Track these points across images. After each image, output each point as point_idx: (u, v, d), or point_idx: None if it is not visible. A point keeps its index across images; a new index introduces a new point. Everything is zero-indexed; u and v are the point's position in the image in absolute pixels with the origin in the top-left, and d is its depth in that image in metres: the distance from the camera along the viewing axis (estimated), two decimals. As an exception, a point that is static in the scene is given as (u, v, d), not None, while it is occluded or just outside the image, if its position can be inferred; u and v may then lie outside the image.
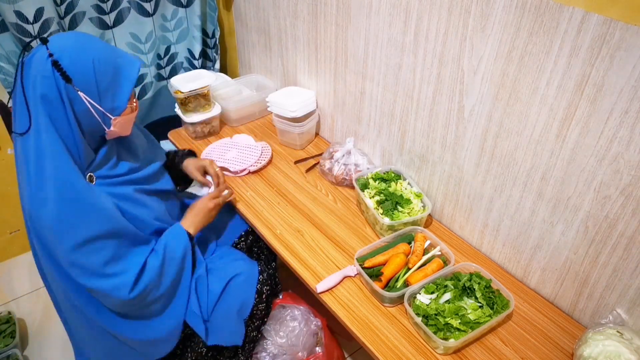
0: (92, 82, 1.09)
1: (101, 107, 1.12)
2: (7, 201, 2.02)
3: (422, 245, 1.37)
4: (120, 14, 1.95)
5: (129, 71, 1.15)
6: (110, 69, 1.11)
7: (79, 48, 1.08)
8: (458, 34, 1.21)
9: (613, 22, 0.92)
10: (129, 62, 1.16)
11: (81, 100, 1.09)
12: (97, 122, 1.14)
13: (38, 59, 1.05)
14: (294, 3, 1.75)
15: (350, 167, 1.65)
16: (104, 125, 1.16)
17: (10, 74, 1.79)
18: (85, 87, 1.08)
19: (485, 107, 1.23)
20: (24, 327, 1.86)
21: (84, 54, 1.08)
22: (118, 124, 1.17)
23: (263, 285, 1.45)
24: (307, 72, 1.87)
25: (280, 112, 1.79)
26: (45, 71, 1.04)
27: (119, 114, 1.16)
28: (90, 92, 1.09)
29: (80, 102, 1.09)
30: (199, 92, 1.81)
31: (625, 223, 1.06)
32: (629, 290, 1.11)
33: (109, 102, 1.13)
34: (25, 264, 2.13)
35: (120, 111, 1.16)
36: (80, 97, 1.08)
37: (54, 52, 1.05)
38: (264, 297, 1.46)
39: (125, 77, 1.14)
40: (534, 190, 1.21)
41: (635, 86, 0.93)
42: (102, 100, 1.12)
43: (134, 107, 1.21)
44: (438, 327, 1.16)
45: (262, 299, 1.45)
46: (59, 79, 1.05)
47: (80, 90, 1.08)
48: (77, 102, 1.09)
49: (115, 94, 1.13)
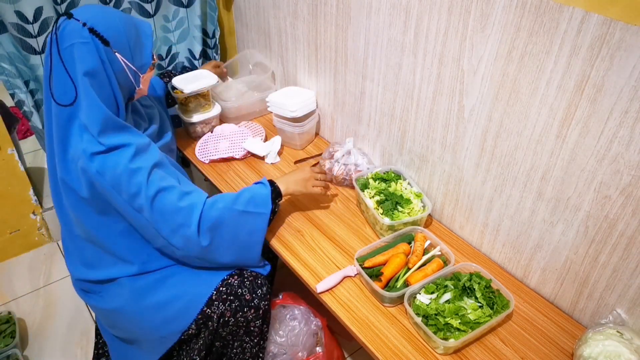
0: (125, 42, 1.19)
1: (133, 66, 1.22)
2: (7, 201, 2.02)
3: (422, 245, 1.37)
4: None
5: (146, 28, 1.26)
6: (134, 29, 1.22)
7: (106, 14, 1.18)
8: (458, 34, 1.21)
9: (613, 22, 0.92)
10: (140, 21, 1.28)
11: (118, 61, 1.19)
12: (130, 82, 1.24)
13: (72, 30, 1.13)
14: (294, 3, 1.75)
15: (350, 167, 1.65)
16: (135, 84, 1.26)
17: (12, 75, 1.79)
18: (120, 48, 1.18)
19: (485, 107, 1.23)
20: (24, 327, 1.86)
21: (113, 18, 1.18)
22: (145, 82, 1.29)
23: (261, 300, 1.34)
24: (307, 72, 1.87)
25: (280, 112, 1.79)
26: (84, 38, 1.13)
27: (145, 71, 1.27)
28: (125, 52, 1.20)
29: (117, 63, 1.19)
30: (199, 92, 1.81)
31: (625, 223, 1.06)
32: (629, 290, 1.11)
33: (138, 59, 1.24)
34: (25, 264, 2.13)
35: (146, 68, 1.27)
36: (118, 58, 1.18)
37: (86, 20, 1.13)
38: (261, 313, 1.35)
39: (144, 34, 1.25)
40: (534, 190, 1.21)
41: (635, 86, 0.93)
42: (134, 58, 1.22)
43: (154, 64, 1.31)
44: (438, 327, 1.16)
45: (259, 314, 1.35)
46: (98, 43, 1.14)
47: (117, 51, 1.18)
48: (115, 63, 1.19)
49: (141, 51, 1.24)
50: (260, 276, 1.37)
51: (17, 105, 1.85)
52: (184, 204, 1.21)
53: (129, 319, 1.34)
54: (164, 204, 1.19)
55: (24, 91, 1.84)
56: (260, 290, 1.34)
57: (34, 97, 1.88)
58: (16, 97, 1.83)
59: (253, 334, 1.37)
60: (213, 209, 1.25)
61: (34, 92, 1.88)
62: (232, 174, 1.73)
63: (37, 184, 2.24)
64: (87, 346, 1.77)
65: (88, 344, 1.78)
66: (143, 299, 1.30)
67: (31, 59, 1.79)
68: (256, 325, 1.36)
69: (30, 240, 2.18)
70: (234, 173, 1.73)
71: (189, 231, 1.22)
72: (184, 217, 1.21)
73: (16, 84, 1.81)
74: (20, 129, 2.81)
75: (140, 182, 1.16)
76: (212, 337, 1.34)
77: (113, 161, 1.15)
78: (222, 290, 1.31)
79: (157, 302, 1.30)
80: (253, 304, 1.32)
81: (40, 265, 2.12)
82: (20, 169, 1.99)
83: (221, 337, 1.35)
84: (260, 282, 1.35)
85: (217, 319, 1.29)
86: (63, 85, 1.14)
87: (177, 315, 1.30)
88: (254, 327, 1.36)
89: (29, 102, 1.86)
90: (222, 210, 1.26)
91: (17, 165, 1.98)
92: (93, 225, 1.25)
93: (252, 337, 1.38)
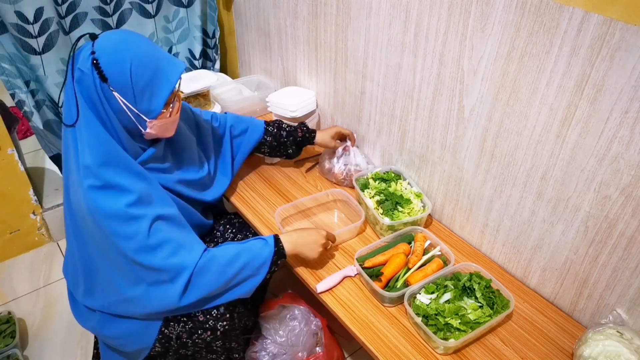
0: (127, 83, 1.08)
1: (136, 109, 1.11)
2: (7, 201, 2.02)
3: (422, 245, 1.37)
4: (122, 16, 1.94)
5: (170, 75, 1.12)
6: (149, 72, 1.10)
7: (119, 48, 1.08)
8: (458, 34, 1.21)
9: (613, 22, 0.92)
10: (170, 65, 1.13)
11: (116, 100, 1.10)
12: (133, 122, 1.14)
13: (83, 55, 1.08)
14: (294, 3, 1.75)
15: (350, 167, 1.64)
16: (140, 127, 1.15)
17: (12, 75, 1.79)
18: (120, 88, 1.08)
19: (485, 107, 1.23)
20: (24, 327, 1.86)
21: (122, 55, 1.08)
22: (155, 127, 1.16)
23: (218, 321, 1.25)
24: (307, 72, 1.87)
25: (280, 112, 1.79)
26: (86, 68, 1.07)
27: (154, 117, 1.14)
28: (126, 93, 1.09)
29: (115, 101, 1.10)
30: (199, 92, 1.81)
31: (625, 223, 1.06)
32: (629, 290, 1.11)
33: (144, 104, 1.12)
34: (25, 264, 2.13)
35: (155, 114, 1.14)
36: (115, 97, 1.09)
37: (96, 49, 1.07)
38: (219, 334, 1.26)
39: (164, 80, 1.12)
40: (534, 190, 1.21)
41: (635, 86, 0.93)
42: (137, 101, 1.11)
43: (174, 110, 1.19)
44: (438, 327, 1.16)
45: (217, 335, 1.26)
46: (96, 77, 1.07)
47: (115, 90, 1.08)
48: (113, 101, 1.10)
49: (152, 96, 1.12)
50: None
51: (18, 105, 1.85)
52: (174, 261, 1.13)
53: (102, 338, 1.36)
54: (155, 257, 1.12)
55: (24, 91, 1.84)
56: (216, 311, 1.24)
57: (35, 98, 1.89)
58: (16, 97, 1.83)
59: (217, 352, 1.32)
60: (204, 275, 1.16)
61: (34, 92, 1.88)
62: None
63: (37, 184, 2.24)
64: (87, 346, 1.77)
65: (88, 344, 1.78)
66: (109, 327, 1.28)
67: (31, 59, 1.79)
68: (218, 345, 1.29)
69: (30, 240, 2.18)
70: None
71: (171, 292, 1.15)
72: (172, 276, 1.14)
73: (17, 84, 1.81)
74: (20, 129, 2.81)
75: (140, 230, 1.10)
76: (177, 357, 1.31)
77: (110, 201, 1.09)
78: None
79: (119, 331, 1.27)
80: (208, 326, 1.24)
81: (40, 265, 2.12)
82: (20, 169, 1.99)
83: (185, 356, 1.30)
84: None
85: (176, 340, 1.26)
86: (69, 105, 1.11)
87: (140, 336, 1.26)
88: (216, 347, 1.29)
89: (29, 102, 1.86)
90: (213, 276, 1.17)
91: (17, 165, 1.98)
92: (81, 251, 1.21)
93: (217, 355, 1.33)
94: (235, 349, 1.36)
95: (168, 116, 1.17)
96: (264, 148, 1.63)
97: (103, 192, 1.09)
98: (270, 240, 1.26)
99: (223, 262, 1.18)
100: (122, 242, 1.11)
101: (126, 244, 1.11)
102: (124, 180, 1.11)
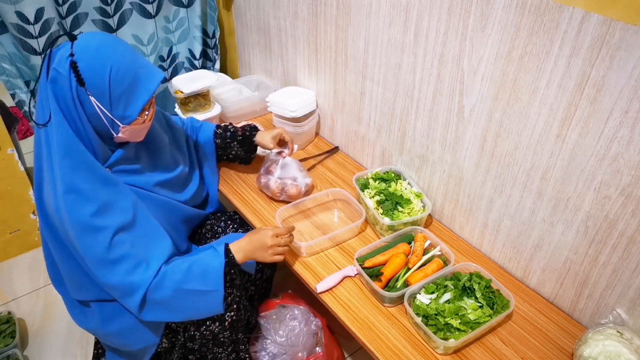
0: (104, 88, 1.08)
1: (111, 114, 1.11)
2: (7, 201, 2.02)
3: (422, 245, 1.37)
4: (122, 16, 1.94)
5: (148, 83, 1.13)
6: (128, 79, 1.10)
7: (100, 53, 1.07)
8: (458, 34, 1.21)
9: (613, 22, 0.92)
10: (150, 73, 1.13)
11: (91, 103, 1.09)
12: (105, 125, 1.13)
13: (61, 55, 1.06)
14: (294, 3, 1.75)
15: (286, 181, 1.57)
16: (112, 131, 1.15)
17: (13, 75, 1.80)
18: (96, 92, 1.08)
19: (485, 107, 1.23)
20: (24, 327, 1.86)
21: (102, 60, 1.07)
22: (127, 132, 1.16)
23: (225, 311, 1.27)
24: (307, 72, 1.87)
25: (280, 112, 1.79)
26: (63, 69, 1.05)
27: (128, 123, 1.14)
28: (102, 98, 1.09)
29: (90, 104, 1.09)
30: (199, 92, 1.81)
31: (625, 223, 1.06)
32: (629, 290, 1.11)
33: (120, 110, 1.12)
34: (25, 264, 2.13)
35: (129, 120, 1.14)
36: (91, 100, 1.08)
37: (76, 52, 1.05)
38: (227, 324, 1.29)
39: (142, 88, 1.12)
40: (534, 190, 1.21)
41: (635, 86, 0.93)
42: (112, 107, 1.11)
43: (148, 118, 1.19)
44: (438, 327, 1.16)
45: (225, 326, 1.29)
46: (73, 80, 1.06)
47: (92, 95, 1.08)
48: (87, 105, 1.09)
49: (128, 103, 1.12)
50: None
51: (18, 105, 1.86)
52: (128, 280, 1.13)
53: (104, 339, 1.35)
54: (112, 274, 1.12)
55: (24, 91, 1.84)
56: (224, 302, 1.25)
57: (35, 98, 1.89)
58: (17, 97, 1.84)
59: (224, 344, 1.33)
60: (159, 291, 1.15)
61: (35, 92, 1.88)
62: (232, 174, 1.72)
63: (37, 184, 2.24)
64: (87, 346, 1.77)
65: (88, 344, 1.78)
66: (111, 323, 1.28)
67: (32, 59, 1.79)
68: (225, 336, 1.31)
69: (30, 240, 2.18)
70: (235, 173, 1.73)
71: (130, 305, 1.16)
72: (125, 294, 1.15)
73: (17, 84, 1.81)
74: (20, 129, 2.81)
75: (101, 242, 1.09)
76: (184, 351, 1.32)
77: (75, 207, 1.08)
78: None
79: (123, 325, 1.27)
80: (216, 317, 1.26)
81: (40, 265, 2.12)
82: (20, 169, 1.99)
83: (193, 350, 1.31)
84: None
85: (183, 333, 1.27)
86: (42, 103, 1.10)
87: (145, 331, 1.27)
88: (224, 338, 1.31)
89: (29, 103, 1.86)
90: (169, 291, 1.16)
91: (17, 165, 1.98)
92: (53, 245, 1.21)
93: (224, 348, 1.34)
94: (241, 340, 1.38)
95: (142, 122, 1.18)
96: (219, 151, 1.61)
97: (70, 197, 1.08)
98: (219, 250, 1.22)
99: (177, 279, 1.16)
100: (85, 251, 1.11)
101: (88, 253, 1.11)
102: (89, 186, 1.10)
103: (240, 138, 1.60)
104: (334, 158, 1.83)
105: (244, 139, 1.60)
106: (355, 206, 1.51)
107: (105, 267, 1.12)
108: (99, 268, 1.12)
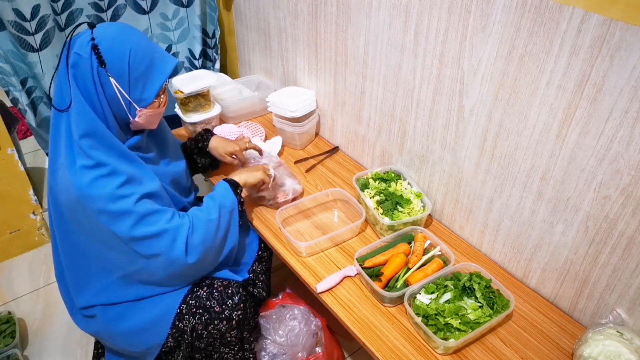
0: (124, 70, 1.13)
1: (129, 96, 1.17)
2: (7, 201, 2.02)
3: (422, 245, 1.37)
4: (116, 11, 1.95)
5: (164, 67, 1.19)
6: (145, 62, 1.16)
7: (120, 36, 1.14)
8: (458, 34, 1.21)
9: (613, 22, 0.92)
10: (164, 58, 1.21)
11: (111, 85, 1.14)
12: (123, 109, 1.18)
13: (81, 41, 1.11)
14: (294, 3, 1.75)
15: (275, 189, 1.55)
16: (129, 115, 1.20)
17: (8, 74, 1.80)
18: (116, 74, 1.13)
19: (485, 107, 1.23)
20: (24, 327, 1.86)
21: (122, 43, 1.13)
22: (143, 116, 1.21)
23: (233, 310, 1.30)
24: (307, 72, 1.87)
25: (280, 112, 1.79)
26: (85, 52, 1.10)
27: (145, 106, 1.20)
28: (121, 79, 1.14)
29: (110, 87, 1.14)
30: (199, 92, 1.81)
31: (625, 223, 1.06)
32: (629, 290, 1.11)
33: (137, 92, 1.17)
34: (25, 264, 2.13)
35: (146, 103, 1.20)
36: (111, 82, 1.13)
37: (96, 36, 1.11)
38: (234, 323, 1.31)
39: (158, 71, 1.18)
40: (534, 190, 1.21)
41: (635, 86, 0.93)
42: (131, 89, 1.16)
43: (162, 103, 1.25)
44: (438, 327, 1.16)
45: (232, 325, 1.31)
46: (94, 62, 1.11)
47: (112, 76, 1.13)
48: (107, 87, 1.14)
49: (145, 85, 1.18)
50: (232, 284, 1.34)
51: (12, 102, 1.86)
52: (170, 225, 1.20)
53: (108, 341, 1.35)
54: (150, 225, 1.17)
55: (18, 89, 1.84)
56: (231, 301, 1.30)
57: (31, 95, 1.89)
58: (10, 94, 1.84)
59: (231, 344, 1.34)
60: (196, 231, 1.24)
61: (31, 89, 1.88)
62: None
63: (37, 184, 2.24)
64: (87, 346, 1.77)
65: (88, 343, 1.78)
66: (116, 325, 1.29)
67: (29, 57, 1.79)
68: (232, 335, 1.32)
69: (30, 240, 2.18)
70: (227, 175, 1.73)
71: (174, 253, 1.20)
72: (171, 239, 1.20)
73: (11, 82, 1.81)
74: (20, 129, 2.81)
75: (127, 207, 1.13)
76: (190, 350, 1.32)
77: (100, 182, 1.12)
78: (192, 303, 1.29)
79: (129, 327, 1.28)
80: (224, 316, 1.29)
81: (40, 265, 2.12)
82: (20, 169, 1.99)
83: (199, 349, 1.32)
84: (230, 291, 1.32)
85: (190, 333, 1.28)
86: (61, 90, 1.13)
87: (152, 331, 1.29)
88: (231, 337, 1.32)
89: (23, 100, 1.86)
90: (204, 227, 1.26)
91: (17, 165, 1.98)
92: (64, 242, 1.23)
93: (230, 347, 1.35)
94: (247, 339, 1.39)
95: (157, 107, 1.23)
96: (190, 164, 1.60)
97: (94, 172, 1.12)
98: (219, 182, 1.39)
99: (202, 215, 1.28)
100: (114, 223, 1.13)
101: (119, 223, 1.14)
102: (114, 162, 1.15)
103: (197, 150, 1.61)
104: (334, 158, 1.84)
105: (200, 151, 1.61)
106: (355, 206, 1.51)
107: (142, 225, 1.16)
108: (137, 228, 1.15)
